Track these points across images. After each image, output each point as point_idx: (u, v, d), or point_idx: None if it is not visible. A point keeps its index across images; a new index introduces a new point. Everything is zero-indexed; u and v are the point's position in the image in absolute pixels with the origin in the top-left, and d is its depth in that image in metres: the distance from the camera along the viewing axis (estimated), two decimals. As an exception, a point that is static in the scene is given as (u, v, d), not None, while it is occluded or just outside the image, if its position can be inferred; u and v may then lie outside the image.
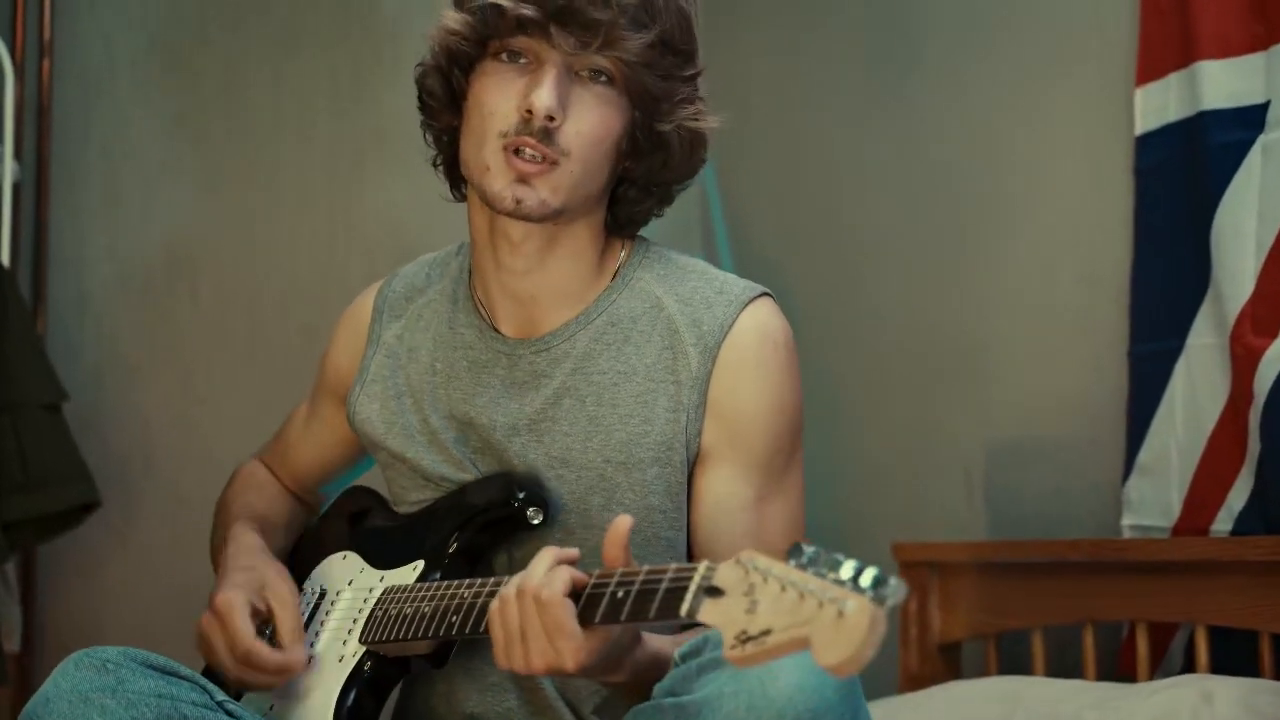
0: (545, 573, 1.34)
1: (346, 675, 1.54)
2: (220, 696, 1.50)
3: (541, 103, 1.50)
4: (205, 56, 2.81)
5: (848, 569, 1.10)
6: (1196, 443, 2.09)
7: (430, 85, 1.61)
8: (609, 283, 1.63)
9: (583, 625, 1.31)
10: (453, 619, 1.45)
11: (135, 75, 2.76)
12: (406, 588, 1.54)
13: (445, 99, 1.60)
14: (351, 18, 2.88)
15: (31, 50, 2.66)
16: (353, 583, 1.63)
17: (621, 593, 1.29)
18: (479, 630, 1.42)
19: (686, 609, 1.21)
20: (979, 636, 2.30)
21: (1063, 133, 2.38)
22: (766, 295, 1.61)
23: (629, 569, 1.31)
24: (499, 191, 1.53)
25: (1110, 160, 2.27)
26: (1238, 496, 2.02)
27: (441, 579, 1.54)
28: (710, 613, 1.18)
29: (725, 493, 1.57)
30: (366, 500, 1.74)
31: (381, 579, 1.60)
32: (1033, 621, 2.20)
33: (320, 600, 1.65)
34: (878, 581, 1.08)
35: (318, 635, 1.61)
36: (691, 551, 1.60)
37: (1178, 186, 2.13)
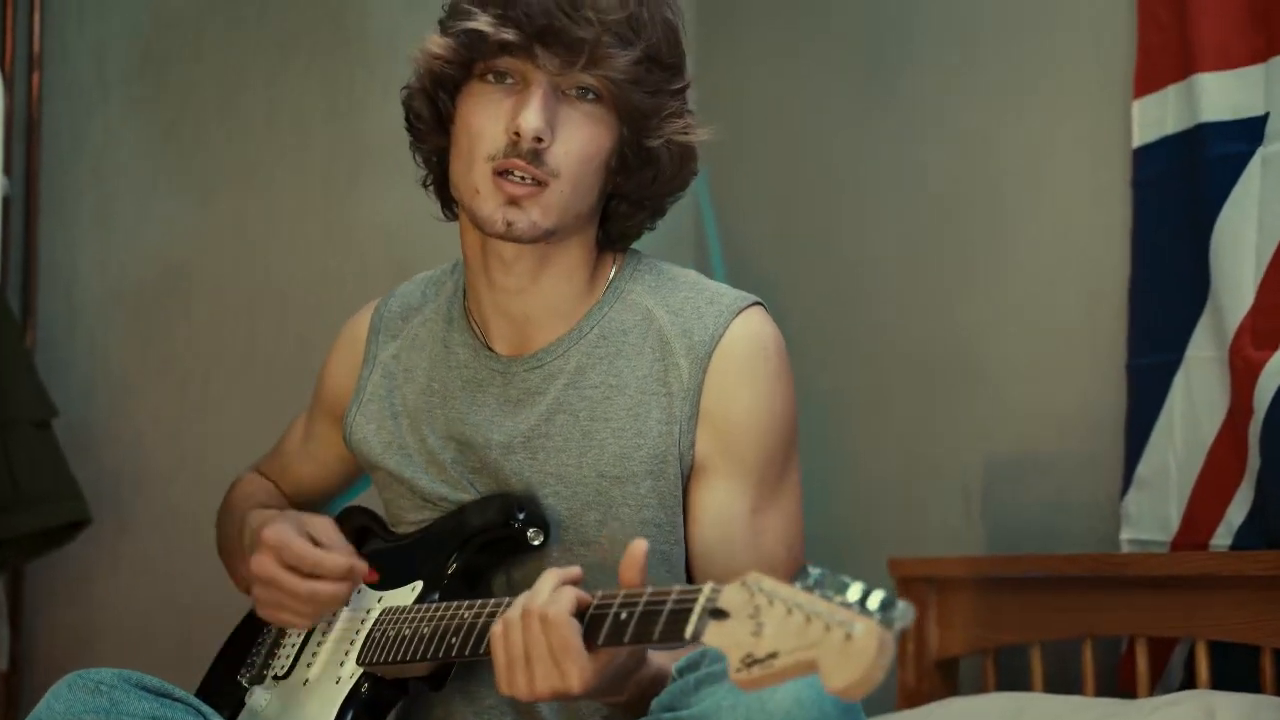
0: (550, 593, 1.33)
1: (344, 697, 1.53)
2: (216, 719, 1.49)
3: (529, 124, 1.49)
4: (196, 68, 2.79)
5: (855, 591, 1.09)
6: (1196, 456, 2.08)
7: (417, 108, 1.60)
8: (600, 297, 1.62)
9: (586, 647, 1.30)
10: (452, 640, 1.44)
11: (126, 88, 2.74)
12: (405, 609, 1.53)
13: (432, 121, 1.59)
14: (344, 30, 2.87)
15: (21, 63, 2.64)
16: (350, 603, 1.62)
17: (625, 614, 1.28)
18: (479, 652, 1.40)
19: (691, 631, 1.20)
20: (977, 652, 2.29)
21: (1061, 145, 2.37)
22: (758, 304, 1.60)
23: (632, 590, 1.30)
24: (489, 215, 1.52)
25: (1108, 172, 2.26)
26: (1237, 511, 2.01)
27: (440, 600, 1.53)
28: (715, 635, 1.17)
29: (721, 505, 1.56)
30: (363, 520, 1.73)
31: (379, 600, 1.59)
32: (1031, 637, 2.19)
33: (316, 621, 1.64)
34: (885, 604, 1.07)
35: (315, 656, 1.60)
36: (689, 565, 1.59)
37: (1176, 199, 2.13)
